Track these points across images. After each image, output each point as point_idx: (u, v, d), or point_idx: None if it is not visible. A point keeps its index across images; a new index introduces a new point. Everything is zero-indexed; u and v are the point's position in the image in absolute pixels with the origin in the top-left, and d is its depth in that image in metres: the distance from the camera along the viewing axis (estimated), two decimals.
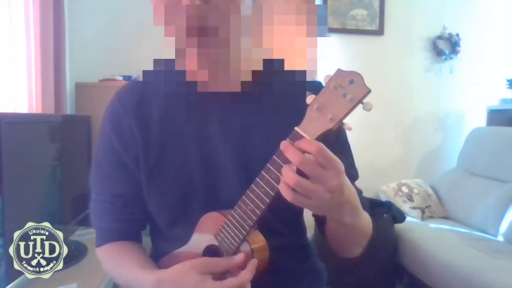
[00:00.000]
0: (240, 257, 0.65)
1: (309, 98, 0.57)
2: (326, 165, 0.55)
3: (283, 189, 0.56)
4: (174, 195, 0.76)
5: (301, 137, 0.57)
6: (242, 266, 0.64)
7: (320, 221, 0.78)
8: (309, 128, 0.57)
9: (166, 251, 0.78)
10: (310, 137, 0.56)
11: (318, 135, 0.56)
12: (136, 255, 0.78)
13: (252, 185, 0.62)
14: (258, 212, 0.62)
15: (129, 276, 0.74)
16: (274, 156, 0.59)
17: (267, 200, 0.60)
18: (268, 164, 0.60)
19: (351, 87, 0.54)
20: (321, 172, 0.55)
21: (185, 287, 0.62)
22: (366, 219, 0.73)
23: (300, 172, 0.56)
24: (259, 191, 0.61)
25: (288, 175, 0.55)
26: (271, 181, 0.59)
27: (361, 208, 0.68)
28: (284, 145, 0.57)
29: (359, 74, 0.54)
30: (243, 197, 0.63)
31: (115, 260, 0.79)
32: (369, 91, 0.53)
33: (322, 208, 0.59)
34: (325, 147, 0.55)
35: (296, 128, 0.58)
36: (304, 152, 0.55)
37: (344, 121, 0.56)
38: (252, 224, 0.63)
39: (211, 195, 0.74)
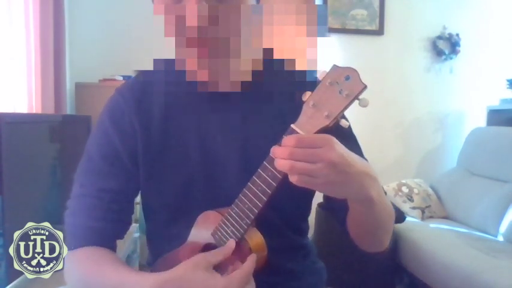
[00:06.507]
0: (231, 243, 0.64)
1: (305, 95, 0.57)
2: (314, 146, 0.54)
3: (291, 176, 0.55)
4: (174, 194, 0.76)
5: (297, 133, 0.56)
6: (242, 260, 0.64)
7: (340, 214, 0.75)
8: (305, 125, 0.57)
9: (165, 251, 0.77)
10: (306, 134, 0.56)
11: (313, 132, 0.56)
12: (120, 261, 0.73)
13: (249, 183, 0.62)
14: (255, 210, 0.61)
15: (117, 280, 0.66)
16: (270, 154, 0.58)
17: (264, 198, 0.60)
18: (264, 162, 0.59)
19: (347, 84, 0.54)
20: (312, 152, 0.54)
21: (194, 286, 0.60)
22: (387, 199, 0.71)
23: None
24: (256, 189, 0.60)
25: (280, 164, 0.55)
26: (268, 179, 0.59)
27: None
28: (273, 147, 0.57)
29: (355, 70, 0.54)
30: (240, 195, 0.63)
31: (96, 264, 0.71)
32: (365, 87, 0.53)
33: (334, 186, 0.57)
34: (303, 135, 0.55)
35: (292, 125, 0.58)
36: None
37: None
38: (249, 222, 0.63)
39: (212, 194, 0.74)
